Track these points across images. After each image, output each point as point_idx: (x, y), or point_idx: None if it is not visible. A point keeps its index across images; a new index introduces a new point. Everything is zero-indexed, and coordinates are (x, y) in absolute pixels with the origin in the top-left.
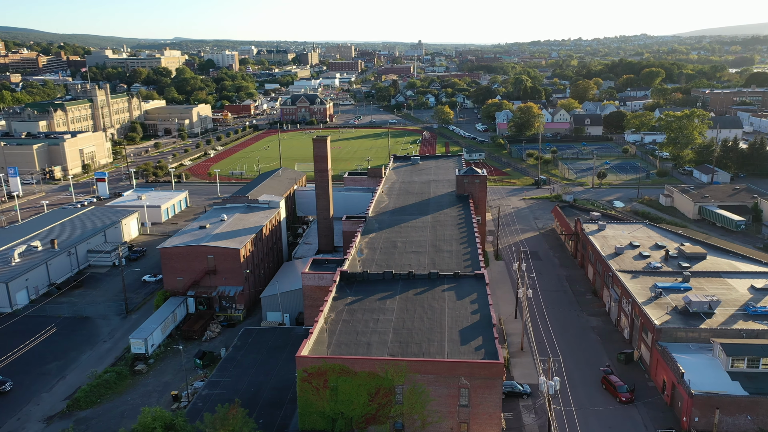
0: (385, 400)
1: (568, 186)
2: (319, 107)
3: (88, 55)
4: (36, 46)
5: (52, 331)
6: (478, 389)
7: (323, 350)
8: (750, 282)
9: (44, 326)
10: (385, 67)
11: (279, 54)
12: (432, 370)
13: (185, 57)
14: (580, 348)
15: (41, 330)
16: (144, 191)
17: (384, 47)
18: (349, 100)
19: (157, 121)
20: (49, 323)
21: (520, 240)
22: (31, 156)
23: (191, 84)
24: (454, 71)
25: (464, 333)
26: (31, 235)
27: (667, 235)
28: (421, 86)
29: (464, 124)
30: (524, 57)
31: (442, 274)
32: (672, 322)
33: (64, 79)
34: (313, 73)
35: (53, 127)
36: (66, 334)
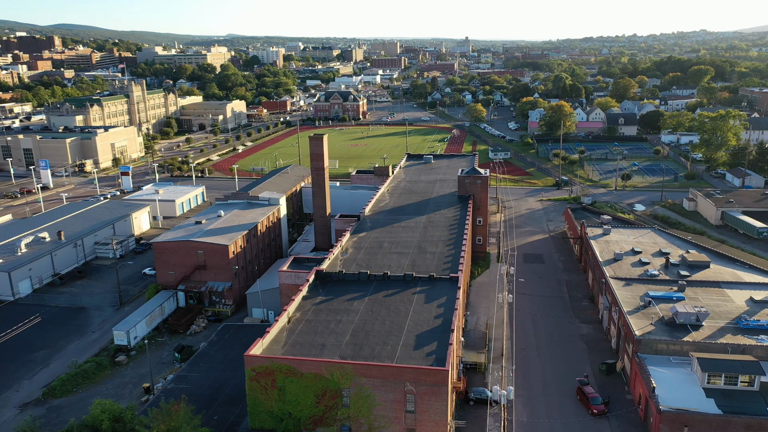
0: (331, 403)
1: (590, 188)
2: (352, 104)
3: (139, 51)
4: (92, 43)
5: (37, 321)
6: (423, 395)
7: (278, 349)
8: (750, 293)
9: (42, 314)
10: (428, 64)
11: (324, 50)
12: (377, 374)
13: (231, 53)
14: (563, 356)
15: (38, 318)
16: (163, 185)
17: (431, 44)
18: (386, 97)
19: (192, 116)
20: (46, 312)
21: (527, 242)
22: (64, 149)
23: (232, 80)
24: (499, 68)
25: (421, 337)
26: (44, 226)
27: (674, 242)
28: (460, 83)
29: (497, 122)
30: (573, 54)
31: (417, 276)
32: (654, 333)
33: (113, 75)
34: (356, 69)
35: (89, 122)
36: (59, 323)
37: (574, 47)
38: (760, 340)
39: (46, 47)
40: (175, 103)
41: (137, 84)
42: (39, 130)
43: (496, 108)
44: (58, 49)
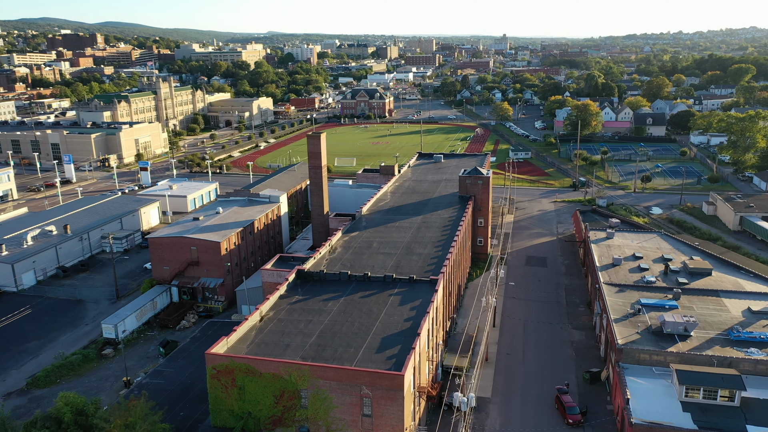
0: (290, 404)
1: (609, 189)
2: (378, 102)
3: (177, 49)
4: (134, 41)
5: (27, 312)
6: (380, 400)
7: (242, 348)
8: (749, 303)
9: (39, 306)
10: (463, 61)
11: (359, 48)
12: (333, 376)
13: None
14: (549, 362)
15: (38, 309)
16: (178, 181)
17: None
18: (416, 95)
19: (219, 113)
20: (45, 304)
21: (532, 245)
22: (89, 145)
23: (263, 77)
24: (536, 66)
25: (386, 340)
26: (53, 219)
27: (679, 248)
28: (491, 81)
29: (524, 121)
30: (613, 51)
31: (396, 277)
32: (637, 343)
33: (150, 71)
34: (390, 67)
35: (116, 118)
36: (55, 315)
37: (616, 45)
38: (749, 353)
39: (89, 45)
40: (203, 100)
41: (165, 81)
42: (68, 125)
43: (526, 107)
44: (100, 47)
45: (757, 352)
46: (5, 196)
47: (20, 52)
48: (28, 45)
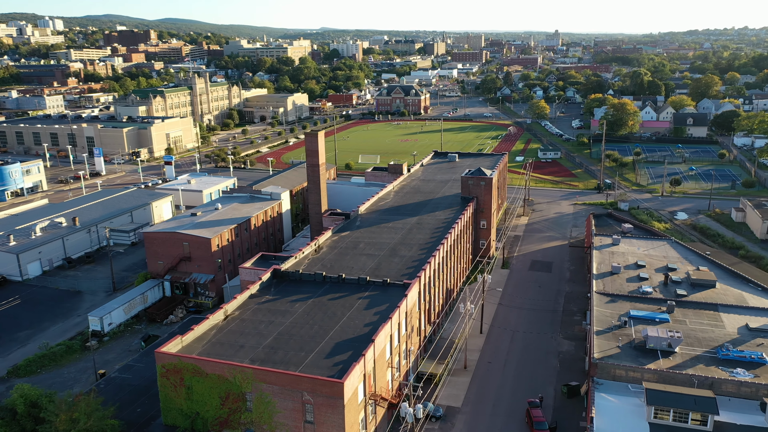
0: (235, 406)
1: (636, 192)
2: (414, 99)
3: (226, 45)
4: (186, 36)
5: (18, 302)
6: (321, 407)
7: (197, 347)
8: (747, 319)
9: (39, 296)
10: (510, 58)
11: (406, 44)
12: (276, 381)
13: (312, 47)
14: (530, 373)
15: (36, 298)
16: (198, 176)
17: (520, 37)
18: (456, 92)
19: (255, 108)
20: (45, 294)
21: (541, 248)
22: (121, 138)
23: (305, 73)
24: (587, 63)
25: (340, 345)
26: (67, 211)
27: (688, 256)
28: (535, 79)
29: (562, 120)
30: (670, 48)
31: (371, 280)
32: (615, 357)
33: (198, 67)
34: (435, 63)
35: (151, 112)
36: (52, 305)
37: (675, 41)
38: (733, 374)
39: (143, 41)
40: (239, 96)
41: (201, 77)
42: (106, 119)
43: (567, 105)
44: (153, 43)
45: (743, 374)
46: (35, 188)
47: (78, 47)
48: (87, 41)
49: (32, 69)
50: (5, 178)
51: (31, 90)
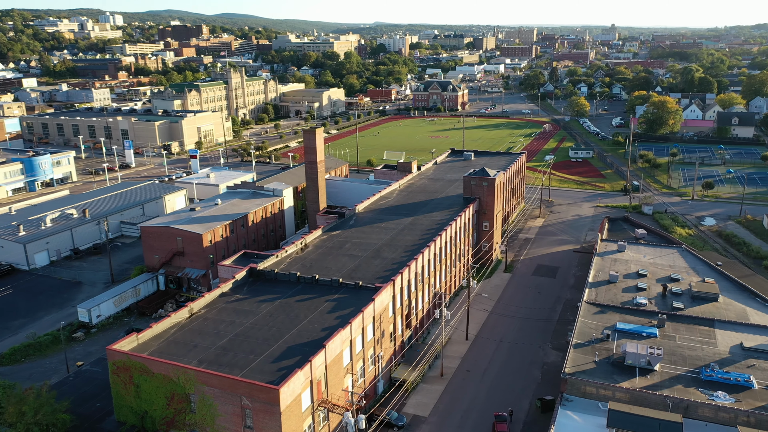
0: (180, 407)
1: (665, 196)
2: (451, 94)
3: (274, 39)
4: (238, 31)
5: (17, 291)
6: (258, 413)
7: (153, 345)
8: (743, 338)
9: (41, 285)
10: (562, 53)
11: (455, 39)
12: (217, 384)
13: (359, 41)
14: (508, 384)
15: (37, 288)
16: (218, 170)
17: (574, 31)
18: (498, 88)
19: (290, 103)
20: (46, 283)
21: (550, 252)
22: (153, 131)
23: (347, 68)
24: (642, 58)
25: (292, 349)
26: (84, 202)
27: (697, 266)
28: (582, 74)
29: (602, 117)
30: (734, 43)
31: (343, 282)
32: (588, 373)
33: (245, 61)
34: (483, 58)
35: (186, 106)
36: (51, 295)
37: (741, 35)
38: (712, 397)
39: (195, 35)
40: (275, 90)
41: (236, 71)
42: (143, 112)
43: (611, 102)
44: (204, 37)
45: (724, 397)
46: (65, 179)
47: (133, 42)
48: (143, 36)
49: (88, 63)
50: (35, 169)
51: (83, 83)
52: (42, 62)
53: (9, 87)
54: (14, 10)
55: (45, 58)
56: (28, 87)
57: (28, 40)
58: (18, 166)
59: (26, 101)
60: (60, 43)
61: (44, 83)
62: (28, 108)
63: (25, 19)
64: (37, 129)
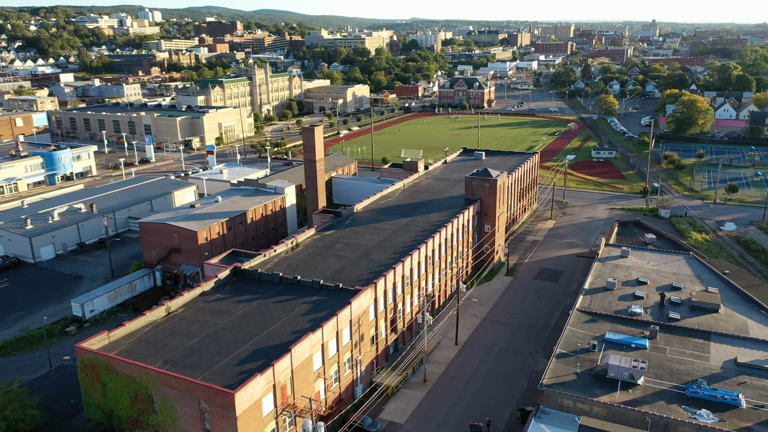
0: (143, 407)
1: (684, 198)
2: (477, 91)
3: (307, 36)
4: (272, 27)
5: (11, 285)
6: (216, 416)
7: (124, 343)
8: (739, 352)
9: (44, 278)
10: (598, 49)
11: (489, 35)
12: (176, 385)
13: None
14: (492, 393)
15: (39, 281)
16: (232, 166)
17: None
18: (528, 85)
19: (314, 99)
20: (49, 276)
21: (556, 256)
22: (174, 127)
23: (375, 64)
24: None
25: (259, 352)
26: (95, 196)
27: (702, 275)
28: (616, 71)
29: (632, 116)
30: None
31: (324, 284)
32: (565, 385)
33: (276, 57)
34: (517, 54)
35: (209, 102)
36: (52, 288)
37: None
38: (695, 416)
39: (230, 31)
40: (300, 86)
41: (261, 67)
42: (167, 108)
43: (644, 100)
44: (238, 33)
45: (708, 416)
46: (85, 173)
47: (169, 38)
48: (180, 32)
49: (123, 58)
50: (55, 163)
51: (116, 79)
52: (80, 58)
53: (47, 82)
54: (59, 7)
55: (83, 53)
56: (64, 82)
57: (69, 36)
58: (38, 160)
59: (60, 96)
60: (99, 39)
61: (80, 78)
62: (60, 102)
63: (68, 15)
64: (65, 123)
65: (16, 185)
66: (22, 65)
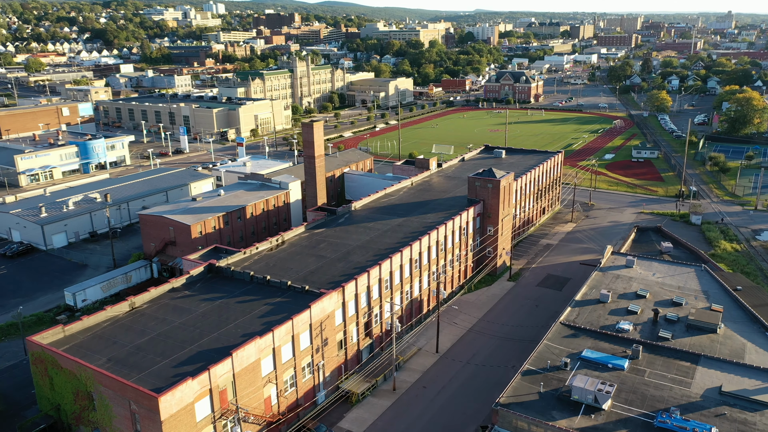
0: (84, 404)
1: (723, 204)
2: (524, 86)
3: (363, 28)
4: (331, 19)
5: (17, 271)
6: (144, 419)
7: (78, 338)
8: (727, 379)
9: (50, 266)
10: (665, 42)
11: (550, 27)
12: (110, 385)
13: (450, 29)
14: (460, 407)
15: (46, 268)
16: (257, 159)
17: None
18: (583, 79)
19: (356, 92)
20: (56, 264)
21: (565, 262)
22: (211, 118)
23: (426, 57)
24: (758, 48)
25: (202, 354)
26: (113, 186)
27: (710, 290)
28: (678, 66)
29: (686, 113)
30: None
31: (291, 285)
32: (523, 406)
33: (330, 49)
34: (577, 47)
35: (249, 94)
36: (55, 276)
37: None
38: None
39: (287, 23)
40: (343, 79)
41: (302, 60)
42: (209, 99)
43: (703, 97)
44: (295, 25)
45: None
46: (119, 162)
47: (228, 30)
48: (240, 24)
49: (182, 50)
50: (89, 152)
51: (171, 70)
52: (142, 49)
53: (108, 72)
54: (128, 0)
55: (145, 45)
56: (122, 73)
57: (134, 28)
58: (73, 149)
59: (115, 86)
60: (162, 30)
61: (139, 69)
62: (114, 93)
63: (137, 8)
64: (111, 113)
65: (51, 173)
66: (88, 56)
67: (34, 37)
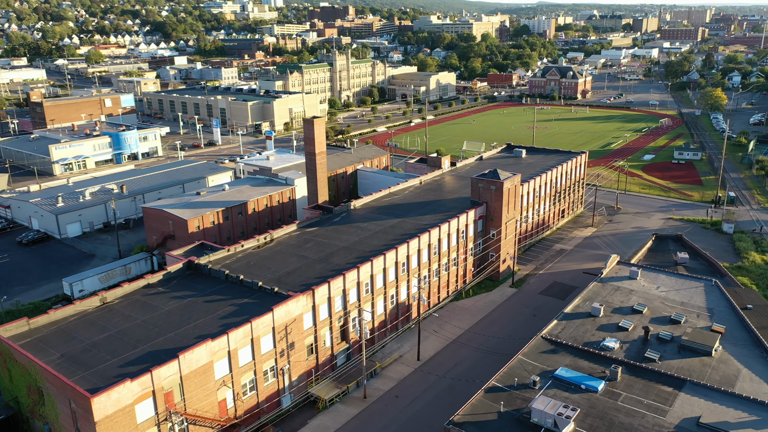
0: (35, 398)
1: (762, 212)
2: (570, 81)
3: (416, 21)
4: (385, 12)
5: (27, 258)
6: (81, 418)
7: (41, 331)
8: (710, 409)
9: (60, 255)
10: (734, 36)
11: (612, 20)
12: (53, 382)
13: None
14: (429, 420)
15: (56, 256)
16: (281, 152)
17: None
18: (638, 75)
19: (397, 86)
20: (65, 253)
21: (574, 269)
22: (245, 111)
23: (475, 50)
24: None
25: (153, 354)
26: (135, 177)
27: (717, 307)
28: (744, 61)
29: (742, 113)
30: None
31: (262, 286)
32: (478, 426)
33: (380, 42)
34: (638, 41)
35: (287, 87)
36: (63, 264)
37: None
38: None
39: (341, 16)
40: (384, 73)
41: (342, 53)
42: (247, 92)
43: (765, 95)
44: (349, 18)
45: None
46: (152, 153)
47: (282, 23)
48: (296, 17)
49: (236, 42)
50: (121, 143)
51: (221, 62)
52: (198, 42)
53: (164, 64)
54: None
55: (201, 38)
56: (176, 65)
57: (192, 20)
58: (107, 140)
59: (164, 78)
60: (219, 23)
61: (192, 61)
62: (162, 84)
63: (198, 1)
64: (154, 105)
65: (84, 162)
66: (146, 48)
67: (98, 29)
